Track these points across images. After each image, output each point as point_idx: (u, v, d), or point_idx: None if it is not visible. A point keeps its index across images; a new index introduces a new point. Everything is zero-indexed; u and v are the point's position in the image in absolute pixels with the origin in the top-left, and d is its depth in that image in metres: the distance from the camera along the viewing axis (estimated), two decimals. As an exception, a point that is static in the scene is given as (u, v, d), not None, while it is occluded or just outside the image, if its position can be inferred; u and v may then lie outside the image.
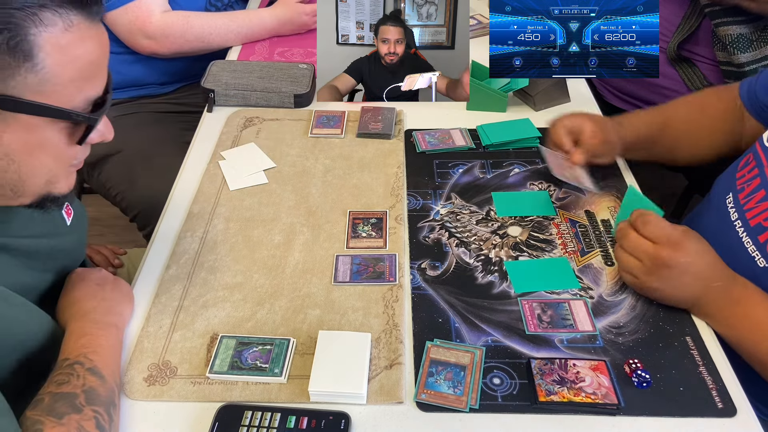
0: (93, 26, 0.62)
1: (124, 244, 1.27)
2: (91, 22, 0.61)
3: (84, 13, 0.60)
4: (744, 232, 0.87)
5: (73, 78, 0.61)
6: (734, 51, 1.24)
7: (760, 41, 1.24)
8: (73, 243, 0.85)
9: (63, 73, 0.59)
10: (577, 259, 0.90)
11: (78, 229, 0.86)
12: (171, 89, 1.56)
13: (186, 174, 1.09)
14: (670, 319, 0.81)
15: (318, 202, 1.02)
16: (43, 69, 0.58)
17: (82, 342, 0.71)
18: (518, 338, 0.79)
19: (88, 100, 0.64)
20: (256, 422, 0.68)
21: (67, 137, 0.65)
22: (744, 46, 1.24)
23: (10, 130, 0.59)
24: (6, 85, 0.57)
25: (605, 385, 0.72)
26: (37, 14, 0.56)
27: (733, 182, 0.93)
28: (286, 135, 1.17)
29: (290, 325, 0.81)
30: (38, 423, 0.61)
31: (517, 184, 1.05)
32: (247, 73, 1.28)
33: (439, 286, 0.87)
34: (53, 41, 0.58)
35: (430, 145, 1.13)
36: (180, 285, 0.87)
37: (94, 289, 0.80)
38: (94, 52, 0.62)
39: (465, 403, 0.71)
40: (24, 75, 0.57)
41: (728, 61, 1.27)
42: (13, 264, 0.72)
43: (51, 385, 0.65)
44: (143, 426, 0.70)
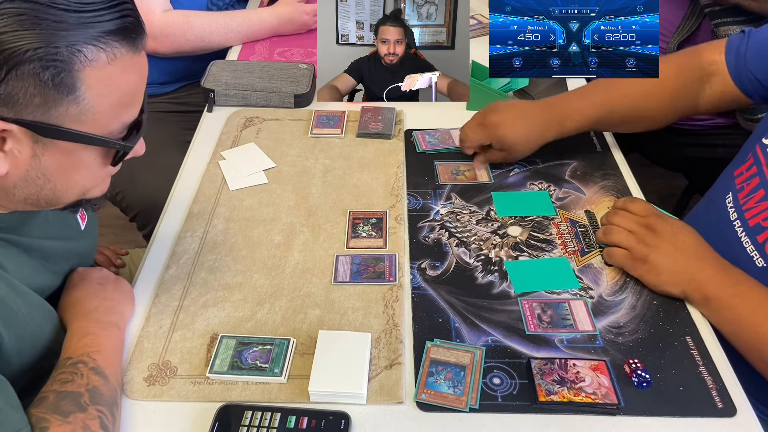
0: (136, 56, 0.62)
1: (123, 244, 1.27)
2: (135, 53, 0.61)
3: (128, 45, 0.60)
4: (743, 231, 0.87)
5: (112, 107, 0.62)
6: None
7: (760, 41, 1.24)
8: (86, 247, 0.86)
9: (102, 103, 0.60)
10: (577, 259, 0.90)
11: (90, 234, 0.88)
12: (171, 89, 1.56)
13: (186, 174, 1.09)
14: (670, 319, 0.81)
15: (318, 202, 1.02)
16: (84, 101, 0.58)
17: (84, 341, 0.72)
18: (518, 338, 0.79)
19: (125, 124, 0.65)
20: (256, 422, 0.68)
21: (102, 159, 0.66)
22: None
23: (48, 153, 0.61)
24: (49, 116, 0.58)
25: (605, 385, 0.72)
26: (81, 51, 0.56)
27: (732, 182, 0.93)
28: (286, 135, 1.17)
29: (290, 325, 0.81)
30: (44, 421, 0.61)
31: (517, 184, 1.05)
32: (247, 73, 1.28)
33: (439, 286, 0.87)
34: (96, 75, 0.58)
35: (430, 145, 1.13)
36: (180, 285, 0.87)
37: (96, 288, 0.80)
38: (134, 82, 0.63)
39: (465, 403, 0.71)
40: (66, 107, 0.58)
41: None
42: (32, 264, 0.73)
43: (55, 384, 0.66)
44: (143, 426, 0.70)
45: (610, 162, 1.09)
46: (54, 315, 0.75)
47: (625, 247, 0.84)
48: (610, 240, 0.86)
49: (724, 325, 0.79)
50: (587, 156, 1.10)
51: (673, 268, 0.81)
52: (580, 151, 1.11)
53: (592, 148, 1.13)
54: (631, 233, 0.84)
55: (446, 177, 1.06)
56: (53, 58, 0.55)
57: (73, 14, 0.56)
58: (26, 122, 0.57)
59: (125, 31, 0.59)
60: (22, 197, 0.64)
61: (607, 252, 0.87)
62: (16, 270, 0.69)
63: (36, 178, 0.62)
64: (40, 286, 0.74)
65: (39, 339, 0.72)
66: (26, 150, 0.59)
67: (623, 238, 0.84)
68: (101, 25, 0.57)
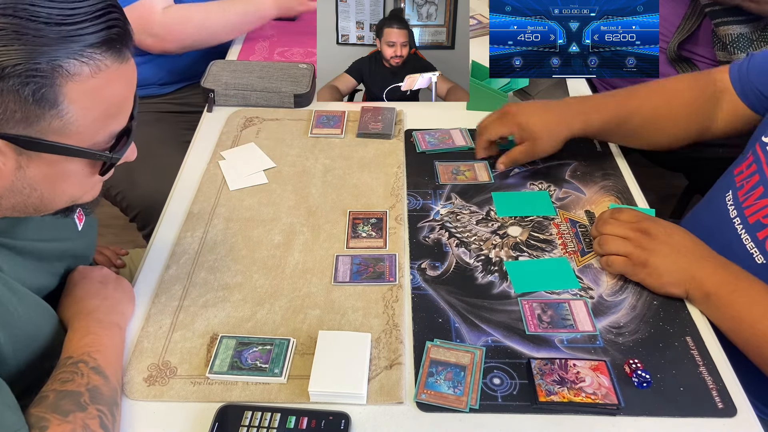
0: (122, 66, 0.60)
1: (123, 244, 1.27)
2: (122, 62, 0.60)
3: (114, 56, 0.58)
4: (743, 229, 0.88)
5: (97, 119, 0.60)
6: (735, 51, 1.24)
7: (761, 41, 1.25)
8: (83, 247, 0.86)
9: (87, 116, 0.59)
10: (577, 259, 0.90)
11: (88, 234, 0.87)
12: (171, 89, 1.56)
13: (186, 174, 1.09)
14: (670, 319, 0.81)
15: (318, 202, 1.01)
16: (67, 114, 0.57)
17: (85, 341, 0.71)
18: (518, 338, 0.79)
19: (112, 134, 0.63)
20: (256, 422, 0.68)
21: (89, 169, 0.65)
22: (744, 46, 1.24)
23: (33, 165, 0.60)
24: (31, 129, 0.57)
25: (605, 385, 0.72)
26: (62, 65, 0.55)
27: (732, 179, 0.93)
28: (286, 135, 1.17)
29: (290, 325, 0.81)
30: (43, 420, 0.61)
31: (517, 184, 1.05)
32: (247, 73, 1.28)
33: (439, 286, 0.87)
34: (79, 88, 0.56)
35: (430, 145, 1.13)
36: (180, 285, 0.87)
37: (97, 287, 0.80)
38: (121, 93, 0.62)
39: (465, 404, 0.71)
40: (49, 121, 0.57)
41: (728, 61, 1.27)
42: (27, 266, 0.73)
43: (55, 383, 0.66)
44: (143, 426, 0.70)
45: (610, 162, 1.09)
46: (53, 315, 0.75)
47: (623, 254, 0.84)
48: (607, 250, 0.86)
49: (724, 321, 0.79)
50: (587, 156, 1.10)
51: (673, 268, 0.81)
52: (580, 151, 1.11)
53: (592, 148, 1.12)
54: (627, 240, 0.84)
55: (446, 177, 1.06)
56: (33, 74, 0.53)
57: (54, 27, 0.54)
58: (8, 136, 0.56)
59: (110, 43, 0.57)
60: (9, 205, 0.63)
61: (605, 261, 0.86)
62: (11, 270, 0.69)
63: (22, 188, 0.61)
64: (37, 287, 0.74)
65: (37, 339, 0.72)
66: (10, 162, 0.58)
67: (620, 246, 0.84)
68: (84, 38, 0.55)
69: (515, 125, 1.01)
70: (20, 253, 0.72)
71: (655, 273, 0.82)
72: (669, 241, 0.83)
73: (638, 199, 1.01)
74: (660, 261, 0.82)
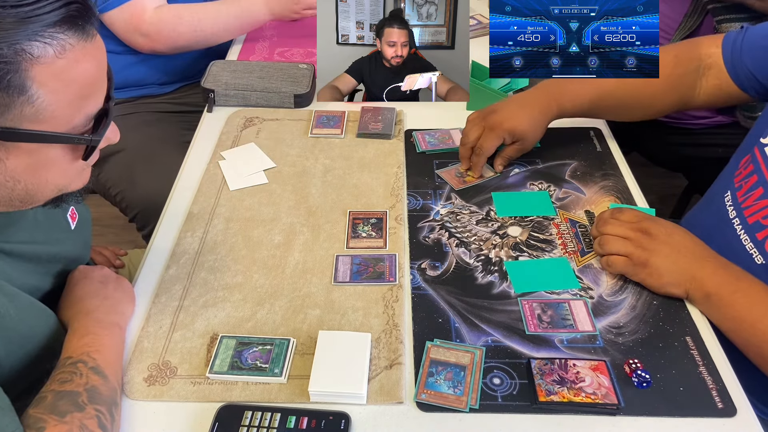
0: (88, 44, 0.58)
1: (122, 244, 1.27)
2: (86, 40, 0.58)
3: (78, 34, 0.57)
4: (742, 229, 0.88)
5: (70, 101, 0.59)
6: None
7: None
8: (77, 247, 0.85)
9: (59, 99, 0.58)
10: (577, 259, 0.90)
11: (82, 233, 0.86)
12: (171, 89, 1.56)
13: (186, 174, 1.09)
14: (670, 319, 0.81)
15: (318, 202, 1.02)
16: (38, 99, 0.56)
17: (85, 341, 0.71)
18: (518, 338, 0.79)
19: (89, 116, 0.62)
20: (256, 422, 0.68)
21: (71, 154, 0.64)
22: None
23: (12, 156, 0.59)
24: (4, 119, 0.55)
25: (605, 385, 0.72)
26: (24, 49, 0.53)
27: (730, 180, 0.93)
28: (286, 135, 1.17)
29: (290, 325, 0.81)
30: (41, 421, 0.61)
31: (517, 184, 1.05)
32: (247, 73, 1.28)
33: (439, 286, 0.87)
34: (46, 71, 0.55)
35: (430, 145, 1.13)
36: (180, 285, 0.87)
37: (97, 287, 0.80)
38: (90, 71, 0.60)
39: (465, 403, 0.71)
40: (20, 108, 0.55)
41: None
42: (17, 268, 0.72)
43: (54, 384, 0.66)
44: (143, 426, 0.70)
45: (610, 162, 1.09)
46: (49, 315, 0.74)
47: (624, 254, 0.84)
48: (607, 250, 0.86)
49: (724, 321, 0.79)
50: (587, 156, 1.10)
51: (673, 268, 0.81)
52: (580, 152, 1.11)
53: (592, 148, 1.13)
54: (627, 240, 0.84)
55: (456, 182, 1.05)
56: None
57: (10, 10, 0.52)
58: None
59: (71, 20, 0.56)
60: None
61: (606, 261, 0.86)
62: (2, 273, 0.68)
63: (5, 182, 0.60)
64: (30, 288, 0.73)
65: (31, 340, 0.71)
66: None
67: (620, 246, 0.84)
68: (42, 18, 0.54)
69: (506, 133, 1.03)
70: (12, 256, 0.71)
71: (656, 273, 0.82)
72: (669, 241, 0.83)
73: (638, 199, 1.01)
74: (660, 261, 0.82)
